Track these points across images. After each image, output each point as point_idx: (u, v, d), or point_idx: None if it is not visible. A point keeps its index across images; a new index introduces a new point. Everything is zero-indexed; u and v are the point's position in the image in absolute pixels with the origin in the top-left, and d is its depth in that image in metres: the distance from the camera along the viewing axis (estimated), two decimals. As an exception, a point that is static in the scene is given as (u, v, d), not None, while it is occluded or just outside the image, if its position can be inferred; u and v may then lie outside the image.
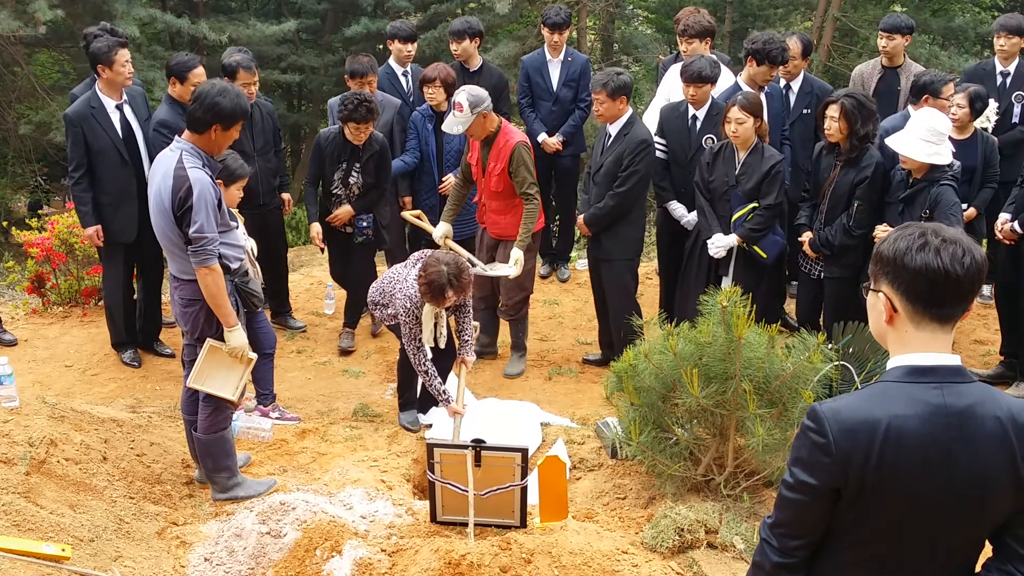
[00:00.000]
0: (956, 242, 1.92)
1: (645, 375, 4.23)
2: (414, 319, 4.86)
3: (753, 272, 5.53)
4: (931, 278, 1.91)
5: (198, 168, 3.98)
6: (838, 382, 4.88)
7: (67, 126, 5.71)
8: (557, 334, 6.87)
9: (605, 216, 5.72)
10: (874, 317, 2.05)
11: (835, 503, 1.99)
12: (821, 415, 1.96)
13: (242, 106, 4.06)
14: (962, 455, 1.91)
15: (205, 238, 3.98)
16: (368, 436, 5.24)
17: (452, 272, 4.63)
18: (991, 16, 14.71)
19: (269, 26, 13.02)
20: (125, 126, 5.75)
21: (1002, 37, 6.51)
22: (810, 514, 2.02)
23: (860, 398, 1.98)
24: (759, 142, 5.43)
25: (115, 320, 6.07)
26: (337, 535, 3.95)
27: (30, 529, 3.64)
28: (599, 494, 4.60)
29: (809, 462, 1.97)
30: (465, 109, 5.42)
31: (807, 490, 1.99)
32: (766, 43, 5.80)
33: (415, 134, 6.53)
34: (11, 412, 4.41)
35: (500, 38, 14.04)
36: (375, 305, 5.23)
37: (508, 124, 5.75)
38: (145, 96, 6.06)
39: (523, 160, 5.55)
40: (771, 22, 15.55)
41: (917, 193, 5.04)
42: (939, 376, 1.94)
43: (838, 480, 1.94)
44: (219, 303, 4.11)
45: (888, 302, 1.98)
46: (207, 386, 4.27)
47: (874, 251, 2.03)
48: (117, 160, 5.71)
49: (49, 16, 10.23)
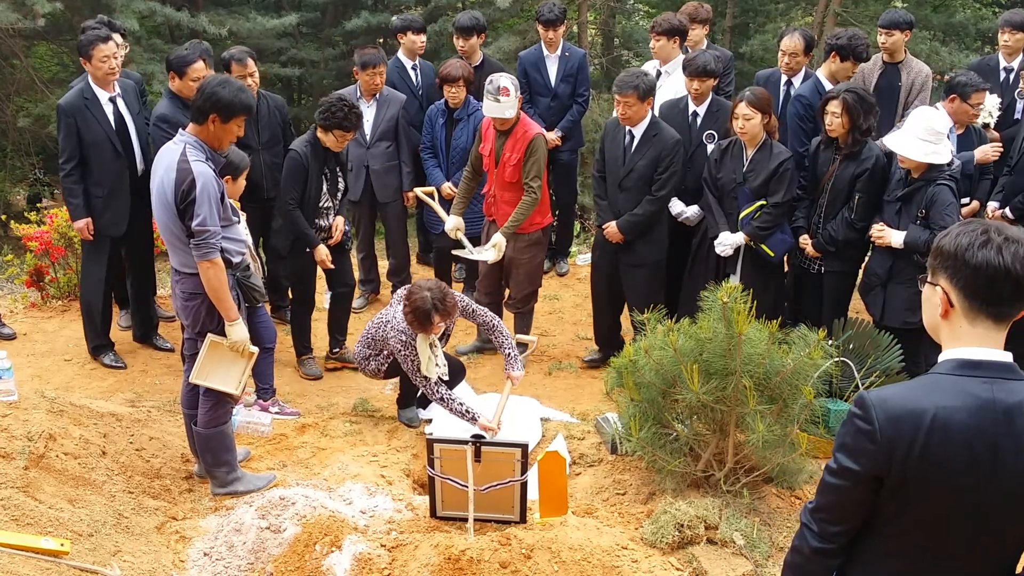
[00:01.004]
0: (1018, 241, 1.93)
1: (645, 371, 4.23)
2: (412, 352, 4.86)
3: (761, 271, 5.50)
4: (991, 275, 1.92)
5: (201, 161, 3.97)
6: (838, 378, 4.89)
7: (60, 116, 5.65)
8: (557, 329, 6.86)
9: (644, 222, 5.60)
10: (929, 310, 2.07)
11: (877, 491, 2.01)
12: (868, 403, 1.98)
13: (242, 100, 4.02)
14: (1009, 451, 1.92)
15: (208, 231, 3.97)
16: (368, 431, 5.24)
17: (436, 297, 4.65)
18: (992, 12, 14.68)
19: (269, 20, 12.98)
20: (118, 118, 5.71)
21: (1006, 32, 6.49)
22: (851, 500, 2.04)
23: (909, 388, 2.00)
24: (768, 139, 5.39)
25: (93, 321, 5.98)
26: (337, 530, 3.95)
27: (29, 524, 3.63)
28: (599, 490, 4.59)
29: (854, 448, 2.00)
30: (512, 92, 5.47)
31: (850, 476, 2.01)
32: (851, 39, 5.78)
33: (430, 129, 6.53)
34: (10, 406, 4.41)
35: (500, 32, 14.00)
36: (364, 360, 5.23)
37: (526, 115, 5.76)
38: (136, 90, 6.00)
39: (540, 151, 5.59)
40: (772, 17, 15.49)
41: (914, 192, 5.02)
42: (989, 371, 1.95)
43: (881, 468, 1.96)
44: (220, 297, 4.11)
45: (945, 296, 1.99)
46: (209, 381, 4.27)
47: (934, 245, 2.04)
48: (110, 152, 5.66)
49: (48, 9, 10.19)
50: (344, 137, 5.53)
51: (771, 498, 4.36)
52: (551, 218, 6.08)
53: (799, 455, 4.12)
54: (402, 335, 4.85)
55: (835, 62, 5.91)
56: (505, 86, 5.43)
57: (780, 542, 4.07)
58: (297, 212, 5.54)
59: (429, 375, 4.86)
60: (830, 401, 4.84)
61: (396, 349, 4.92)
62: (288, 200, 5.52)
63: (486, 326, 5.17)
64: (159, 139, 5.59)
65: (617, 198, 5.67)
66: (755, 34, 14.51)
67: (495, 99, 5.45)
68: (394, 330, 4.90)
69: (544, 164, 5.68)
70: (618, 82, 5.46)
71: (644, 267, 5.75)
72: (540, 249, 5.99)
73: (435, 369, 4.90)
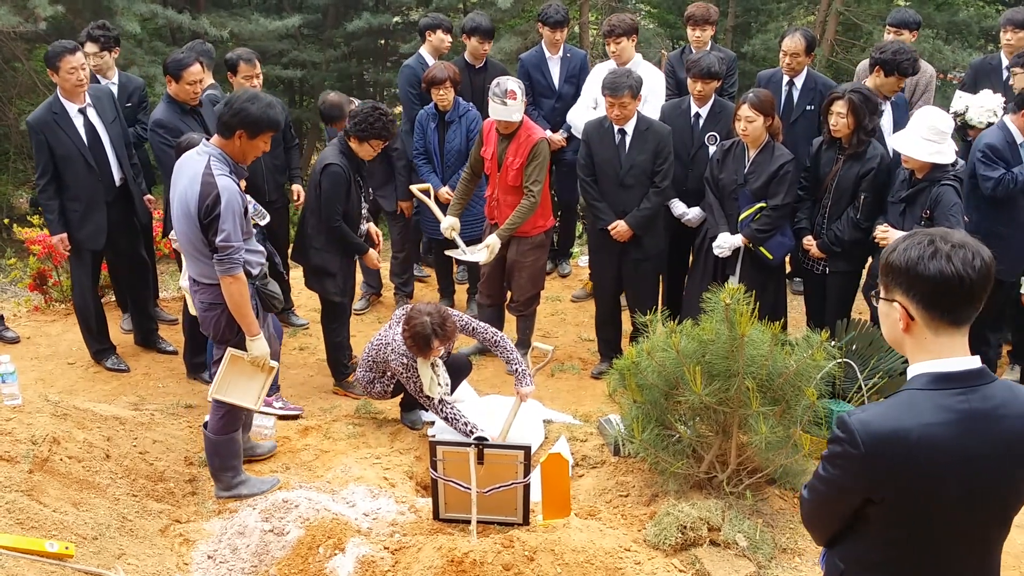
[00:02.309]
0: (964, 246, 1.94)
1: (648, 372, 4.23)
2: (414, 373, 4.86)
3: (760, 272, 5.49)
4: (946, 284, 1.93)
5: (225, 175, 3.94)
6: (841, 379, 4.88)
7: (30, 133, 5.55)
8: (560, 331, 6.86)
9: (653, 215, 5.65)
10: (889, 325, 2.08)
11: (861, 505, 2.06)
12: (851, 426, 1.99)
13: (270, 116, 3.99)
14: (992, 457, 1.96)
15: (232, 247, 3.95)
16: (371, 433, 5.24)
17: (436, 322, 4.66)
18: (995, 10, 14.66)
19: (271, 21, 13.01)
20: (90, 131, 5.57)
21: (1009, 31, 6.47)
22: (836, 507, 2.12)
23: (888, 408, 2.01)
24: (770, 140, 5.38)
25: (89, 328, 5.96)
26: (340, 533, 3.96)
27: (33, 527, 3.64)
28: (602, 491, 4.59)
29: (841, 469, 2.04)
30: (519, 96, 5.47)
31: (835, 487, 2.08)
32: (896, 53, 5.62)
33: (422, 134, 6.51)
34: (14, 410, 4.41)
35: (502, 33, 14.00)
36: (369, 383, 5.21)
37: (529, 119, 5.76)
38: (111, 96, 5.87)
39: (543, 156, 5.60)
40: (774, 16, 15.49)
41: (918, 193, 5.01)
42: (963, 382, 1.98)
43: (870, 488, 2.00)
44: (243, 312, 4.10)
45: (904, 311, 2.00)
46: (228, 396, 4.27)
47: (882, 260, 2.05)
48: (83, 166, 5.54)
49: (49, 12, 10.21)
50: (380, 146, 5.42)
51: (774, 499, 4.36)
52: (553, 220, 6.07)
53: (802, 456, 4.12)
54: (403, 357, 4.85)
55: (879, 76, 5.71)
56: (512, 89, 5.43)
57: (783, 543, 4.07)
58: (344, 226, 5.39)
59: (432, 395, 4.88)
60: (833, 402, 4.83)
61: (398, 371, 4.92)
62: (335, 216, 5.34)
63: (489, 343, 5.13)
64: (157, 145, 5.59)
65: (618, 196, 5.66)
66: (757, 33, 14.51)
67: (502, 102, 5.44)
68: (395, 352, 4.90)
69: (547, 169, 5.69)
70: (610, 84, 5.42)
71: (650, 260, 5.79)
72: (543, 252, 6.00)
73: (438, 389, 4.90)
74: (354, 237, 5.47)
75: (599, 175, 5.72)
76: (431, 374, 4.86)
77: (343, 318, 5.78)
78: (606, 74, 5.64)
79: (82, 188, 5.59)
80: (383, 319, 6.82)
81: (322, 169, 5.35)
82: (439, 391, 4.90)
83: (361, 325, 6.73)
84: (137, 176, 5.95)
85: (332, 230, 5.40)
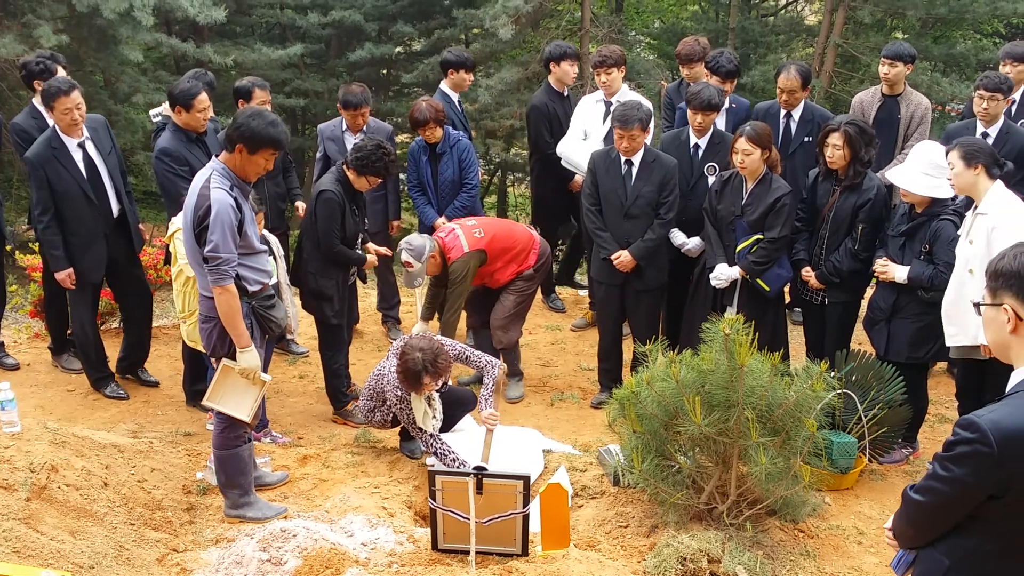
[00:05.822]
0: None
1: (647, 402, 4.22)
2: (407, 405, 4.91)
3: (758, 303, 5.49)
4: None
5: (223, 189, 4.04)
6: (841, 410, 4.88)
7: (29, 169, 5.53)
8: (559, 360, 6.86)
9: (656, 246, 5.70)
10: (996, 329, 2.26)
11: (981, 503, 2.18)
12: (982, 426, 2.12)
13: (271, 134, 4.06)
14: None
15: (220, 258, 4.03)
16: (370, 462, 5.22)
17: (427, 359, 4.69)
18: (993, 43, 14.79)
19: (274, 51, 13.14)
20: (89, 165, 5.58)
21: (1008, 64, 6.49)
22: (956, 508, 2.23)
23: (1013, 408, 2.15)
24: (768, 173, 5.40)
25: (89, 357, 5.96)
26: (338, 563, 3.93)
27: (30, 556, 3.62)
28: (601, 522, 4.57)
29: (970, 468, 2.15)
30: (416, 264, 5.62)
31: (958, 486, 2.18)
32: None
33: (415, 167, 6.53)
34: (12, 437, 4.41)
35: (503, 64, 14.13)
36: (370, 412, 5.23)
37: (444, 240, 5.77)
38: (107, 125, 5.89)
39: (463, 272, 5.74)
40: (773, 48, 15.63)
41: (918, 227, 5.01)
42: None
43: (999, 486, 2.13)
44: (232, 323, 4.16)
45: (1014, 313, 2.21)
46: (221, 405, 4.33)
47: (989, 269, 2.26)
48: (83, 201, 5.54)
49: (53, 41, 10.29)
50: (375, 182, 5.54)
51: (774, 531, 4.34)
52: (535, 259, 6.00)
53: (802, 488, 4.10)
54: (397, 390, 4.89)
55: None
56: (407, 260, 5.63)
57: (783, 575, 4.05)
58: (342, 247, 5.50)
59: (425, 427, 4.91)
60: (833, 433, 4.82)
61: (392, 403, 4.97)
62: (334, 243, 5.45)
63: (481, 371, 5.18)
64: (162, 173, 5.59)
65: (622, 227, 5.69)
66: (756, 65, 14.61)
67: (406, 272, 5.70)
68: (390, 384, 4.94)
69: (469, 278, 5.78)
70: (621, 117, 5.48)
71: (652, 292, 5.82)
72: (531, 283, 6.05)
73: (431, 422, 4.95)
74: (350, 253, 5.60)
75: (604, 205, 5.75)
76: (424, 407, 4.90)
77: (340, 344, 5.80)
78: (616, 107, 5.72)
79: (82, 222, 5.61)
80: (382, 348, 6.82)
81: (317, 196, 5.47)
82: (432, 425, 4.94)
83: (360, 354, 6.72)
84: (131, 204, 5.97)
85: (333, 255, 5.51)
